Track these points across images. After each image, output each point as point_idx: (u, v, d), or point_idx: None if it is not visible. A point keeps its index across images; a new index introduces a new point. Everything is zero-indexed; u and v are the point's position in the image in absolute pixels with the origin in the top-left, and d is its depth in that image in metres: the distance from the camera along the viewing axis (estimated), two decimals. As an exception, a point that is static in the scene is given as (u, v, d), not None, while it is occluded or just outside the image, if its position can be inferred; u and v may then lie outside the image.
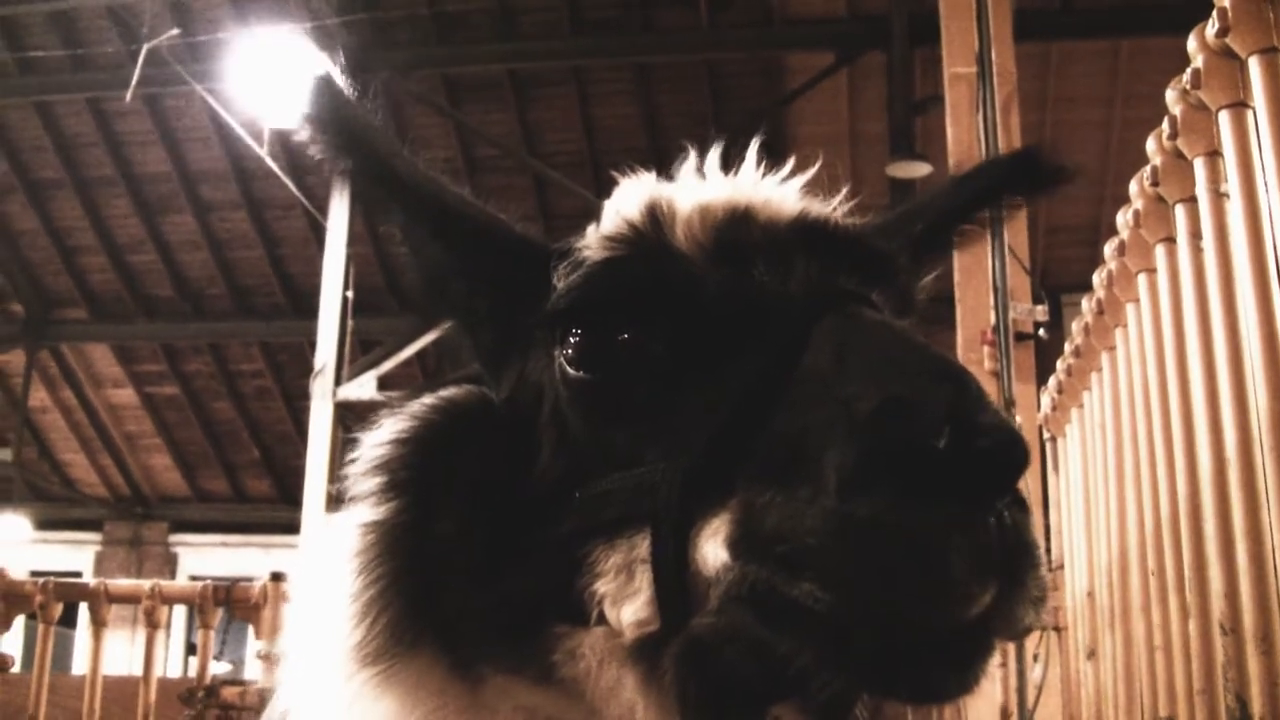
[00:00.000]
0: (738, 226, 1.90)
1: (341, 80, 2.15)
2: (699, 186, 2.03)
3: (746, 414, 1.65)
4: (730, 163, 2.11)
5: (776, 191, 2.02)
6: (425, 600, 1.89)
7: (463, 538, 1.89)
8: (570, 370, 1.88)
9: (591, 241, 1.95)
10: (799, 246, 1.88)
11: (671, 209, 1.92)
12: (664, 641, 1.67)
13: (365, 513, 1.96)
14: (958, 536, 1.43)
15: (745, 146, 2.14)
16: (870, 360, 1.59)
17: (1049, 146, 2.32)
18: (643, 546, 1.70)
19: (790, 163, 2.11)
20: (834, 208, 2.06)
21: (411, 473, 1.96)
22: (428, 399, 2.06)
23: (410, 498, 1.94)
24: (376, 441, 2.01)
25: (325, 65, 2.19)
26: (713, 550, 1.61)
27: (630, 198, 1.98)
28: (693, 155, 2.11)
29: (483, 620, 1.87)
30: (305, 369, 19.43)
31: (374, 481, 1.97)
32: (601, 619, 1.75)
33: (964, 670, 1.53)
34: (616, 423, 1.83)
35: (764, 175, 2.08)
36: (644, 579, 1.70)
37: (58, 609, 8.17)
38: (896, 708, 1.83)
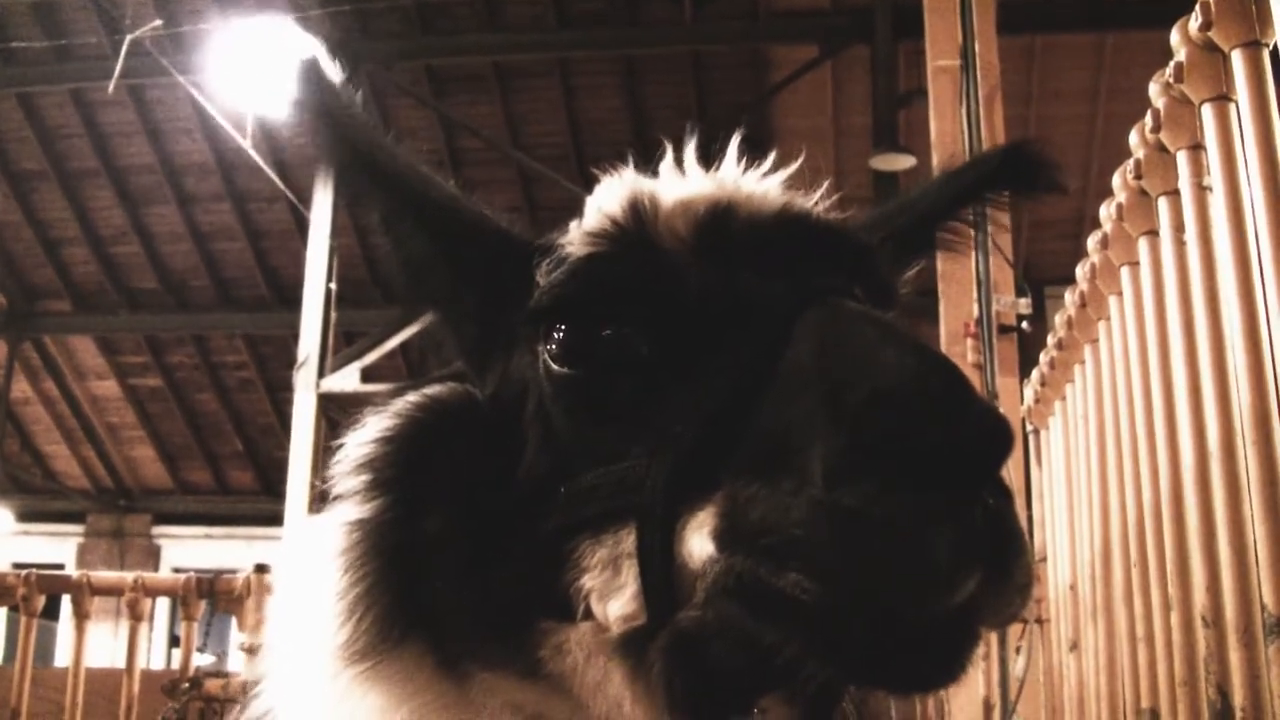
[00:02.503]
0: (720, 221, 1.89)
1: (328, 65, 2.14)
2: (682, 182, 2.03)
3: (731, 407, 1.65)
4: (714, 156, 2.11)
5: (759, 186, 2.02)
6: (411, 597, 1.89)
7: (448, 535, 1.89)
8: (554, 366, 1.87)
9: (574, 238, 1.96)
10: (782, 241, 1.89)
11: (654, 204, 1.92)
12: (651, 635, 1.67)
13: (350, 511, 1.96)
14: (943, 525, 1.43)
15: (729, 140, 2.14)
16: (853, 352, 1.59)
17: (1037, 140, 2.31)
18: (628, 541, 1.70)
19: (773, 156, 2.11)
20: (817, 202, 2.06)
21: (396, 470, 1.95)
22: (412, 396, 2.06)
23: (395, 495, 1.93)
24: (361, 440, 2.00)
25: (312, 49, 2.18)
26: (699, 543, 1.61)
27: (613, 193, 1.98)
28: (676, 151, 2.11)
29: (469, 616, 1.88)
30: (288, 361, 19.40)
31: (359, 479, 1.97)
32: (588, 614, 1.75)
33: (950, 659, 1.53)
34: (601, 418, 1.83)
35: (747, 169, 2.08)
36: (630, 573, 1.70)
37: (40, 601, 8.14)
38: (882, 698, 1.84)
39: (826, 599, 1.46)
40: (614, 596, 1.72)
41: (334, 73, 2.14)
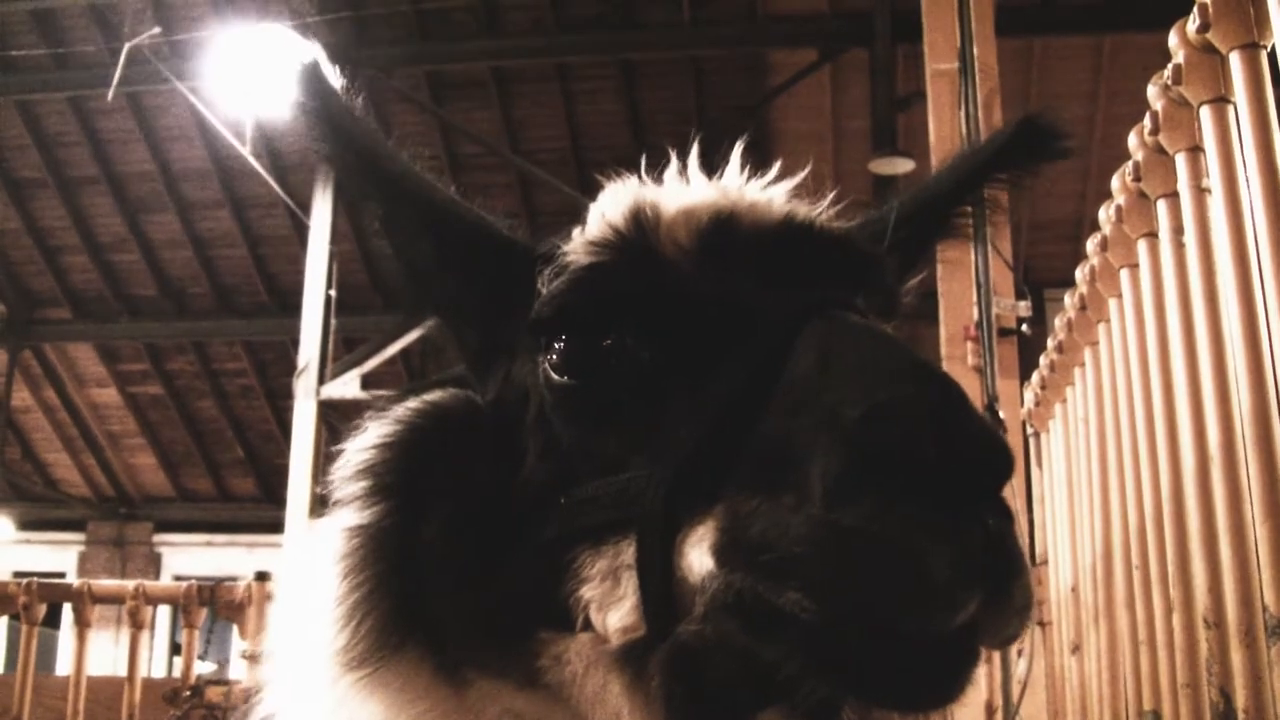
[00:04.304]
0: (723, 231, 1.89)
1: (329, 70, 2.14)
2: (684, 190, 2.02)
3: (732, 420, 1.64)
4: (713, 161, 2.11)
5: (762, 194, 2.01)
6: (411, 604, 1.88)
7: (448, 542, 1.88)
8: (555, 376, 1.87)
9: (576, 246, 1.94)
10: (784, 250, 1.88)
11: (656, 213, 1.91)
12: (650, 648, 1.66)
13: (350, 517, 1.96)
14: (943, 545, 1.43)
15: (729, 144, 2.13)
16: (854, 367, 1.58)
17: (1046, 109, 2.29)
18: (628, 552, 1.70)
19: (776, 164, 2.10)
20: (820, 210, 2.04)
21: (397, 477, 1.95)
22: (413, 402, 2.05)
23: (396, 502, 1.93)
24: (362, 446, 2.00)
25: (313, 54, 2.19)
26: (698, 557, 1.61)
27: (615, 201, 1.97)
28: (677, 157, 2.10)
29: (468, 624, 1.87)
30: (288, 367, 19.41)
31: (359, 485, 1.96)
32: (587, 624, 1.75)
33: (950, 678, 1.53)
34: (602, 428, 1.82)
35: (749, 177, 2.07)
36: (630, 585, 1.69)
37: (41, 610, 8.15)
38: (883, 713, 1.83)
39: (826, 617, 1.47)
40: (613, 608, 1.71)
41: (335, 77, 2.14)
